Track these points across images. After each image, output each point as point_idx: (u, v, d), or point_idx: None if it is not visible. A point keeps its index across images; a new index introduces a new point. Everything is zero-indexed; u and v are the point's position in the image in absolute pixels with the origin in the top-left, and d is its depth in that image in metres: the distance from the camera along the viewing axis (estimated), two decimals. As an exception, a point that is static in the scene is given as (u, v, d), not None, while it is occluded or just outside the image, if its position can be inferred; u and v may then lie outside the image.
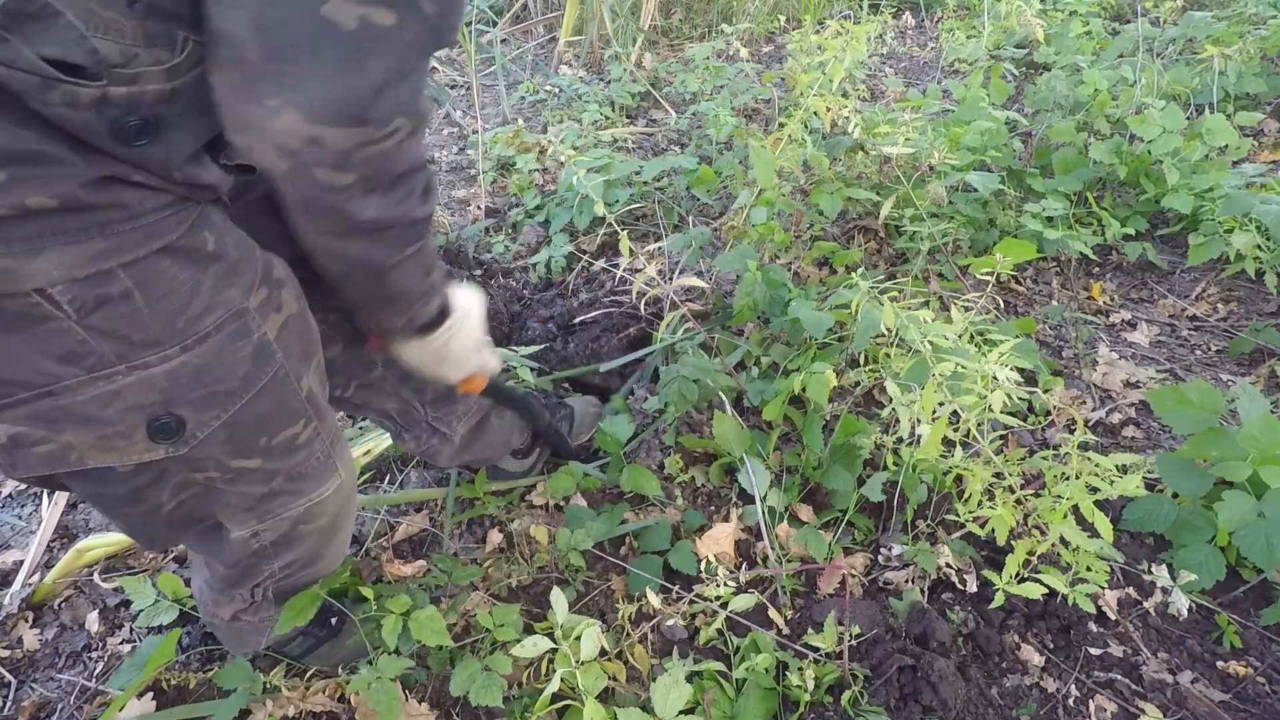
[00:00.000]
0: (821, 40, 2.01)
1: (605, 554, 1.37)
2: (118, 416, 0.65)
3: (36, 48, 0.49)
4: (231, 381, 0.71)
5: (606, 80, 3.25)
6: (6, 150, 0.51)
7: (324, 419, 0.86)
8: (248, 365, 0.72)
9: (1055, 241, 1.91)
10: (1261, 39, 2.65)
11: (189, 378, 0.67)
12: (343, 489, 0.93)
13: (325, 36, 0.54)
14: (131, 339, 0.62)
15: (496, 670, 1.06)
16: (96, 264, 0.58)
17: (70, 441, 0.65)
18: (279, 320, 0.75)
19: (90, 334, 0.60)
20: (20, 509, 1.52)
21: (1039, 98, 2.53)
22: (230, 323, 0.69)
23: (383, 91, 0.59)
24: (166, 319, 0.64)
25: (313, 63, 0.55)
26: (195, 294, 0.65)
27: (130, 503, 0.76)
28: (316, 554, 1.01)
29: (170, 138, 0.59)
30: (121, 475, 0.72)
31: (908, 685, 1.14)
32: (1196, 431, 1.31)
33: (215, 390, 0.70)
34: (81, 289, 0.58)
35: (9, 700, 1.20)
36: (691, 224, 2.08)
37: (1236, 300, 2.00)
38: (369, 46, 0.56)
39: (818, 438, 1.42)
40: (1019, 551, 1.16)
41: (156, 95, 0.56)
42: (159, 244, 0.61)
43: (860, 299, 1.31)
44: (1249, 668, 1.20)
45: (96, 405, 0.63)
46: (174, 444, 0.69)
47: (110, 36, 0.52)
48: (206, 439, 0.71)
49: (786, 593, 1.29)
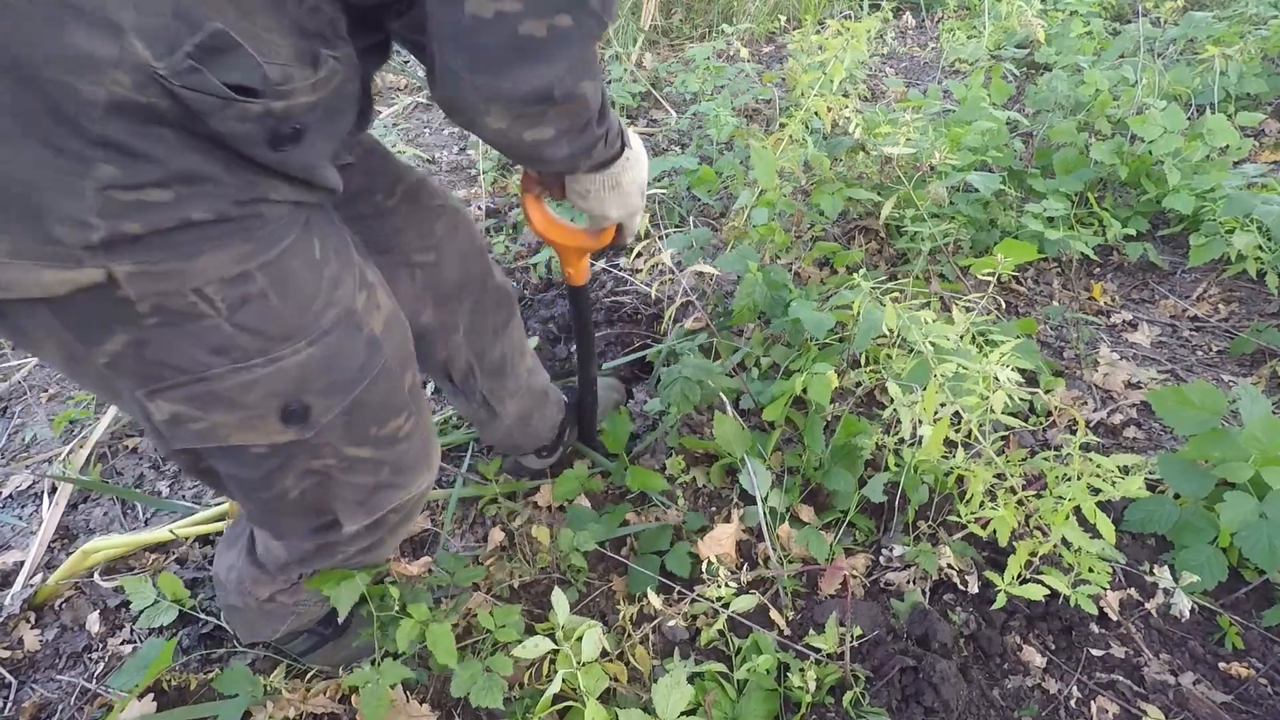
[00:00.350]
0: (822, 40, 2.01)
1: (607, 553, 1.37)
2: (257, 402, 0.73)
3: (222, 76, 0.57)
4: (350, 372, 0.79)
5: (607, 80, 3.25)
6: (175, 173, 0.60)
7: (422, 413, 0.94)
8: (362, 357, 0.80)
9: (1056, 242, 1.91)
10: (1262, 39, 2.65)
11: (315, 369, 0.76)
12: (430, 482, 1.00)
13: (523, 48, 0.67)
14: (269, 334, 0.71)
15: (498, 671, 1.05)
16: (241, 264, 0.67)
17: (218, 421, 0.73)
18: (380, 318, 0.83)
19: (236, 329, 0.69)
20: (21, 509, 1.52)
21: (1040, 98, 2.53)
22: (345, 319, 0.77)
23: (569, 73, 0.71)
24: (296, 316, 0.73)
25: (514, 70, 0.68)
26: (316, 293, 0.74)
27: (263, 486, 0.84)
28: (384, 543, 1.04)
29: (311, 141, 0.68)
30: (257, 458, 0.79)
31: (909, 686, 1.14)
32: (1198, 432, 1.31)
33: (336, 380, 0.78)
34: (230, 289, 0.67)
35: (9, 701, 1.20)
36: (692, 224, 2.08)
37: (1238, 301, 2.00)
38: (557, 45, 0.68)
39: (819, 438, 1.42)
40: (1020, 552, 1.15)
41: (305, 106, 0.65)
42: (283, 246, 0.70)
43: (862, 300, 1.31)
44: (1251, 669, 1.20)
45: (240, 391, 0.72)
46: (301, 428, 0.77)
47: (275, 60, 0.61)
48: (328, 425, 0.79)
49: (788, 594, 1.29)
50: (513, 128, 0.75)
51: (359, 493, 0.90)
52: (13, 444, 1.67)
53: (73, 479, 1.51)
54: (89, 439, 1.62)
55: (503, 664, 1.06)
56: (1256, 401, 1.31)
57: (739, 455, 1.42)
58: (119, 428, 1.67)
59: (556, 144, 0.81)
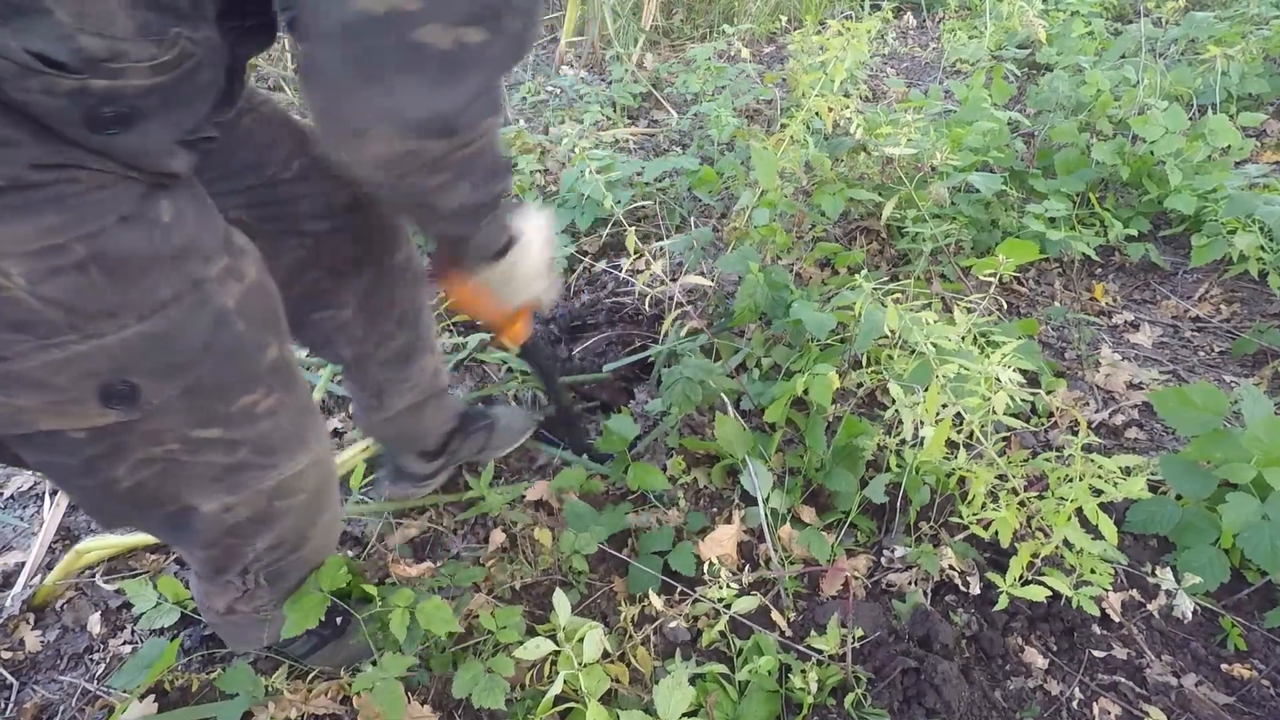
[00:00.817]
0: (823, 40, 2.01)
1: (609, 551, 1.37)
2: (69, 383, 0.64)
3: (23, 41, 0.50)
4: (190, 351, 0.70)
5: (608, 81, 3.25)
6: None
7: (290, 390, 0.84)
8: (207, 334, 0.71)
9: (1058, 242, 1.91)
10: (1264, 39, 2.65)
11: (145, 346, 0.67)
12: (319, 465, 0.92)
13: (418, 59, 0.57)
14: (86, 310, 0.62)
15: (499, 672, 1.05)
16: (48, 238, 0.58)
17: (22, 405, 0.65)
18: (240, 289, 0.74)
19: (43, 303, 0.60)
20: (22, 510, 1.52)
21: (1041, 98, 2.53)
22: (190, 292, 0.68)
23: (474, 102, 0.62)
24: (122, 290, 0.63)
25: (405, 84, 0.58)
26: (153, 264, 0.65)
27: (84, 474, 0.74)
28: (301, 535, 0.98)
29: (145, 129, 0.59)
30: (75, 443, 0.70)
31: (911, 688, 1.14)
32: (1200, 433, 1.30)
33: (173, 360, 0.69)
34: (33, 261, 0.58)
35: (11, 702, 1.19)
36: (693, 225, 2.08)
37: (1239, 301, 1.99)
38: (462, 64, 0.59)
39: (820, 439, 1.42)
40: (1022, 553, 1.15)
41: (137, 89, 0.57)
42: (114, 217, 0.61)
43: (863, 300, 1.31)
44: (1253, 670, 1.20)
45: (48, 371, 0.63)
46: (128, 409, 0.69)
47: (101, 32, 0.52)
48: (163, 406, 0.71)
49: (789, 595, 1.29)
50: (400, 162, 0.63)
51: (212, 469, 0.80)
52: (14, 445, 1.67)
53: (74, 480, 1.52)
54: (90, 440, 1.62)
55: (504, 665, 1.06)
56: (1258, 402, 1.31)
57: (740, 456, 1.42)
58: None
59: (452, 188, 0.71)
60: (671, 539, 1.36)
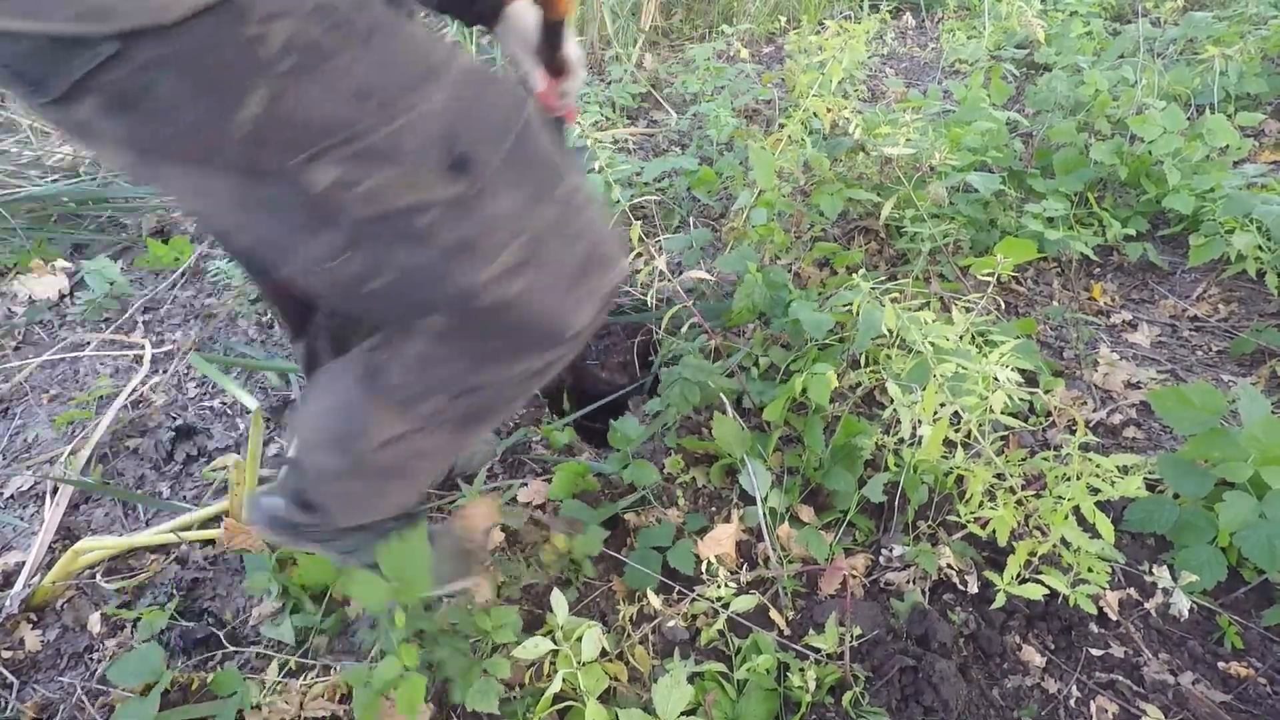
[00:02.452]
0: (821, 41, 2.02)
1: (607, 551, 1.37)
2: (417, 147, 0.67)
3: None
4: (501, 111, 0.74)
5: (607, 81, 3.25)
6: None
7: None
8: (509, 98, 0.75)
9: (1056, 242, 1.91)
10: (1262, 39, 2.65)
11: (459, 110, 0.70)
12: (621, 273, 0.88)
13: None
14: (407, 73, 0.67)
15: (495, 673, 1.05)
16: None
17: (379, 183, 0.67)
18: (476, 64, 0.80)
19: (370, 68, 0.64)
20: (22, 510, 1.52)
21: (1040, 98, 2.53)
22: (471, 64, 0.73)
23: None
24: (424, 54, 0.69)
25: None
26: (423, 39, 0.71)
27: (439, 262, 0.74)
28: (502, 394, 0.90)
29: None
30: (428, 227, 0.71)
31: (909, 686, 1.14)
32: (1198, 432, 1.31)
33: (489, 121, 0.72)
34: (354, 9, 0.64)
35: (11, 702, 1.20)
36: (692, 225, 2.08)
37: (1237, 301, 2.00)
38: None
39: (819, 439, 1.42)
40: (1020, 552, 1.16)
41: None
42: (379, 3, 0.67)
43: (861, 300, 1.31)
44: (1250, 669, 1.20)
45: (393, 139, 0.66)
46: (470, 179, 0.70)
47: None
48: (495, 179, 0.72)
49: (788, 594, 1.29)
50: None
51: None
52: (14, 444, 1.67)
53: (73, 480, 1.52)
54: (90, 439, 1.63)
55: (500, 666, 1.06)
56: (1256, 401, 1.31)
57: (739, 455, 1.42)
58: (120, 428, 1.68)
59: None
60: (671, 535, 1.36)
